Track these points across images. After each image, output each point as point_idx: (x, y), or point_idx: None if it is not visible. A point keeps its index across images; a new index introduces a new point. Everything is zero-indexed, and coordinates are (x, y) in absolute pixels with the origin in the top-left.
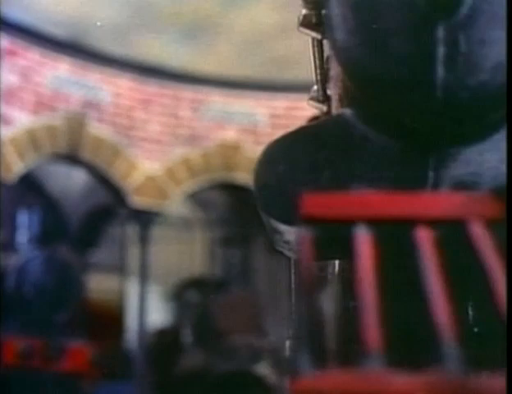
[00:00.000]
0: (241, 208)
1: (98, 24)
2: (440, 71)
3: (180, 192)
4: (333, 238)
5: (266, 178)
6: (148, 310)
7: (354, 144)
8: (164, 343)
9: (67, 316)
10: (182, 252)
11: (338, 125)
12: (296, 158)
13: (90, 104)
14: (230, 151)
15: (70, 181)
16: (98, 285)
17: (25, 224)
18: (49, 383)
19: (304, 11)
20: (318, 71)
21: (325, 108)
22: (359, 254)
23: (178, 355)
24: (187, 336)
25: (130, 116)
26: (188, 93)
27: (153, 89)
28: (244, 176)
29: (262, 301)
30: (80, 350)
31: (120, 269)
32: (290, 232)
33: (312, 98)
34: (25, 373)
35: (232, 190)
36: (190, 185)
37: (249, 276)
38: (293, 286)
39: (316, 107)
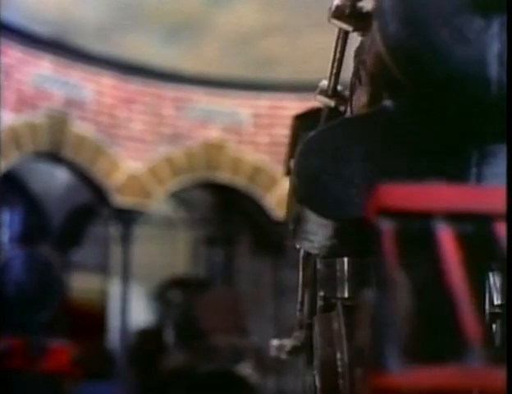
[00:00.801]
0: (224, 208)
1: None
2: (494, 67)
3: (163, 191)
4: (411, 232)
5: (305, 169)
6: (131, 310)
7: (396, 137)
8: (146, 343)
9: (49, 315)
10: (165, 251)
11: (380, 117)
12: (337, 150)
13: (73, 102)
14: (213, 150)
15: (53, 180)
16: (81, 284)
17: (7, 223)
18: (31, 383)
19: (336, 2)
20: (336, 65)
21: (333, 103)
22: (444, 249)
23: (160, 354)
24: (169, 335)
25: (113, 115)
26: (171, 92)
27: (135, 87)
28: (228, 176)
29: (244, 301)
30: (61, 350)
31: (102, 269)
32: (320, 224)
33: (321, 93)
34: (6, 373)
35: (215, 189)
36: (173, 184)
37: (232, 276)
38: (299, 281)
39: (324, 102)
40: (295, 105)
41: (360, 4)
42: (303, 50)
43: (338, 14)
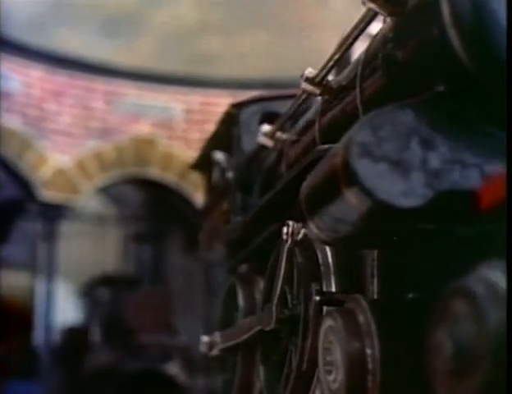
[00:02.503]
0: (155, 204)
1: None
2: None
3: (91, 186)
4: None
5: (365, 157)
6: (58, 308)
7: (453, 122)
8: (73, 341)
9: None
10: (95, 248)
11: (435, 103)
12: (396, 137)
13: None
14: (143, 145)
15: None
16: (8, 281)
17: None
18: None
19: None
20: (339, 53)
21: (318, 91)
22: None
23: (87, 353)
24: (96, 334)
25: (41, 108)
26: (102, 85)
27: (65, 80)
28: (158, 172)
29: (174, 299)
30: None
31: (30, 265)
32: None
33: (306, 80)
34: None
35: (146, 185)
36: (102, 180)
37: (162, 273)
38: (280, 274)
39: (308, 90)
40: (228, 102)
41: None
42: (238, 48)
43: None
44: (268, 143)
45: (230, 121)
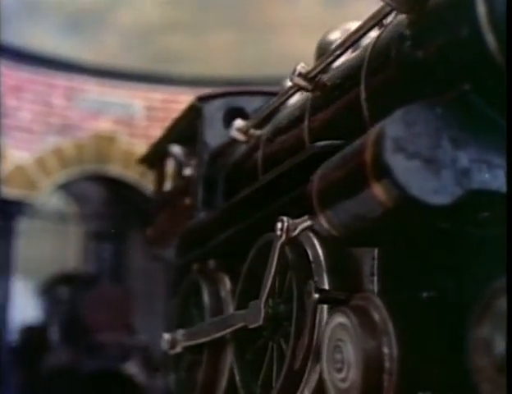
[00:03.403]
0: (115, 202)
1: None
2: None
3: (51, 183)
4: None
5: (399, 153)
6: (16, 306)
7: (480, 121)
8: (31, 340)
9: None
10: (55, 246)
11: (462, 102)
12: (427, 135)
13: None
14: (104, 142)
15: None
16: None
17: None
18: None
19: None
20: (341, 49)
21: (310, 87)
22: None
23: (45, 352)
24: (55, 333)
25: (0, 103)
26: (62, 81)
27: (25, 75)
28: (119, 169)
29: (134, 298)
30: None
31: None
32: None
33: (299, 75)
34: None
35: (106, 182)
36: (62, 177)
37: (122, 272)
38: (272, 271)
39: (299, 84)
40: (190, 99)
41: None
42: (202, 47)
43: None
44: (241, 138)
45: (195, 113)
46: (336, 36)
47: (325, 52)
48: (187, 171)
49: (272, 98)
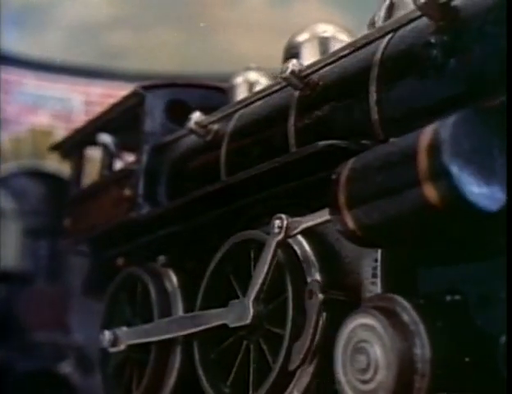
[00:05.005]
0: (53, 198)
1: None
2: None
3: None
4: None
5: (452, 153)
6: None
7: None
8: None
9: None
10: None
11: (500, 114)
12: (478, 140)
13: None
14: (41, 137)
15: None
16: None
17: None
18: None
19: None
20: (346, 51)
21: (301, 85)
22: None
23: None
24: None
25: None
26: None
27: None
28: (56, 165)
29: (69, 297)
30: None
31: None
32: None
33: (292, 73)
34: None
35: (44, 178)
36: None
37: (58, 270)
38: (265, 269)
39: (290, 82)
40: None
41: None
42: (146, 44)
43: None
44: (200, 132)
45: (136, 101)
46: (304, 38)
47: (293, 53)
48: (118, 163)
49: (220, 95)
